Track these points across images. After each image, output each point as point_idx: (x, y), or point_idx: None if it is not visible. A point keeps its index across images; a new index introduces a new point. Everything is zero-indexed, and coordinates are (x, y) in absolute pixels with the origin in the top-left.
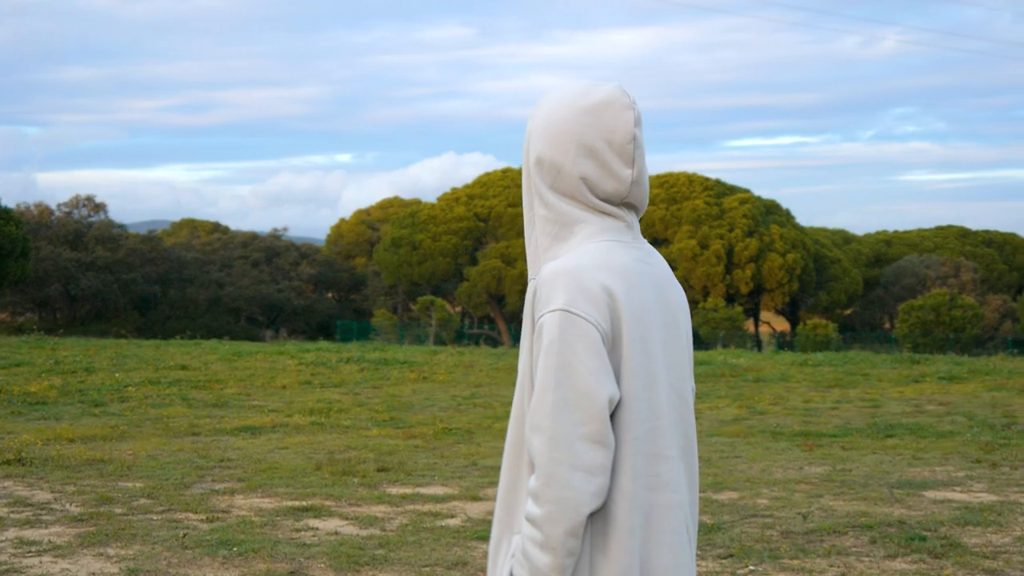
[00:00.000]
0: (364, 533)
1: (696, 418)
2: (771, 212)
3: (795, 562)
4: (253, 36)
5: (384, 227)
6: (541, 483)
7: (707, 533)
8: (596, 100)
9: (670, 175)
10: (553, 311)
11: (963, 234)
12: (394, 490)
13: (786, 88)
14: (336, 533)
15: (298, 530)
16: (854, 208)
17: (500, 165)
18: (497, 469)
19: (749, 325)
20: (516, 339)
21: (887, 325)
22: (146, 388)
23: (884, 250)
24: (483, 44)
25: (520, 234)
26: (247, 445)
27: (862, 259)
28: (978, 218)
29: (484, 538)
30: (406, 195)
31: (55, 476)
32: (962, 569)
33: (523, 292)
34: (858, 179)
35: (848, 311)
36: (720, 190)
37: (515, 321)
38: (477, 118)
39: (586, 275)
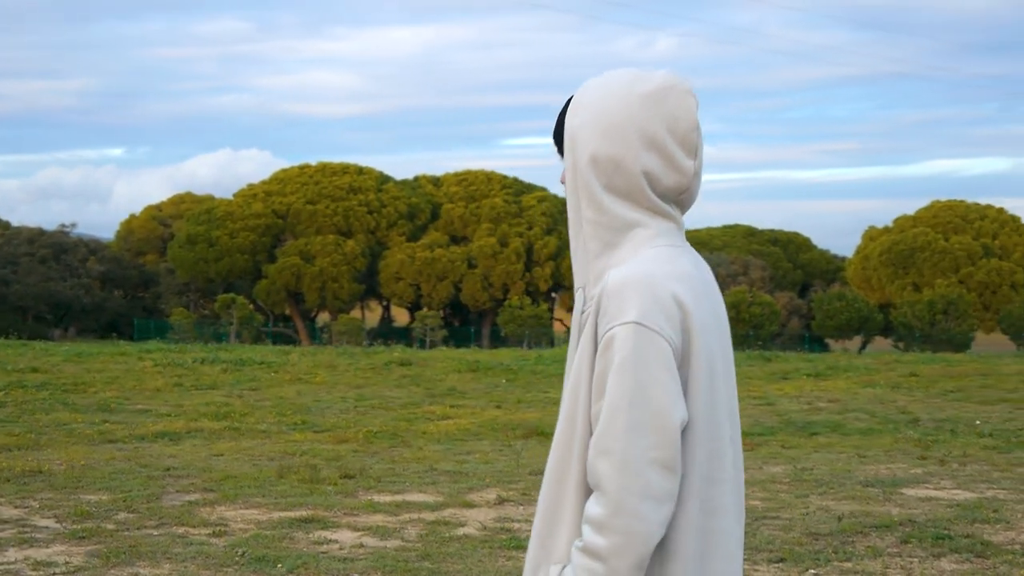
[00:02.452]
0: (391, 544)
1: None
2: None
3: (848, 564)
4: (20, 26)
5: (178, 223)
6: (608, 512)
7: None
8: (656, 85)
9: (468, 173)
10: (625, 324)
11: (750, 233)
12: (378, 498)
13: (564, 88)
14: (362, 546)
15: (319, 543)
16: None
17: (278, 161)
18: (456, 474)
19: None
20: (315, 337)
21: None
22: (15, 392)
23: None
24: (260, 39)
25: (320, 231)
26: (178, 452)
27: None
28: (750, 216)
29: (519, 547)
30: (179, 190)
31: (4, 489)
32: (1017, 568)
33: (322, 290)
34: None
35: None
36: (519, 188)
37: (311, 319)
38: (254, 113)
39: (658, 284)
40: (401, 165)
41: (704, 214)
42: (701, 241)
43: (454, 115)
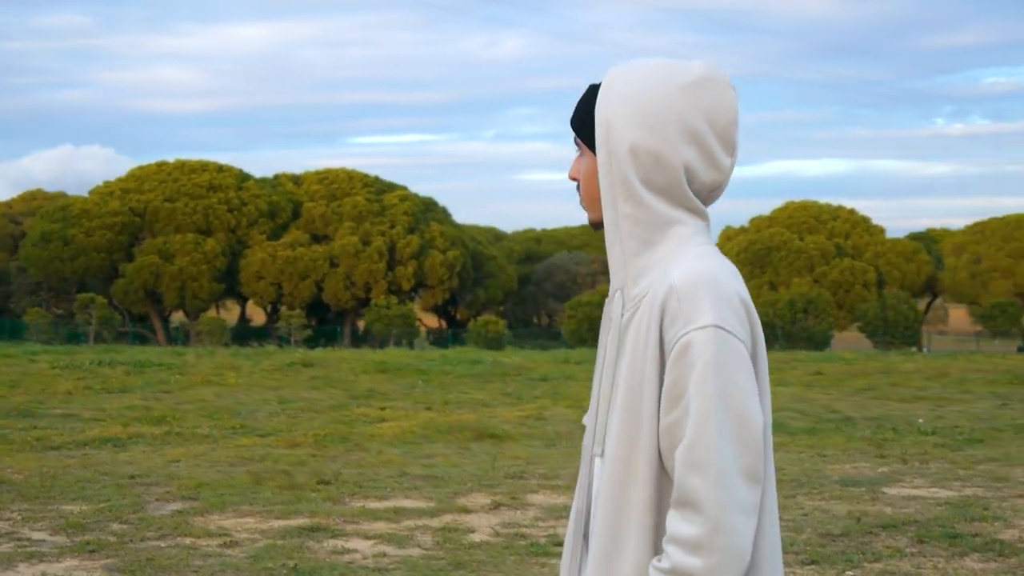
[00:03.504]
0: (413, 553)
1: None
2: (430, 209)
3: (878, 564)
4: None
5: (30, 221)
6: (706, 530)
7: None
8: (696, 76)
9: (329, 171)
10: (703, 328)
11: None
12: (369, 505)
13: (411, 86)
14: (384, 555)
15: (338, 552)
16: (477, 206)
17: (121, 158)
18: (431, 478)
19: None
20: (173, 339)
21: (539, 321)
22: None
23: (535, 247)
24: (104, 33)
25: (179, 229)
26: (131, 458)
27: (515, 256)
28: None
29: (545, 553)
30: (16, 186)
31: None
32: None
33: (182, 289)
34: (481, 177)
35: (502, 307)
36: (380, 187)
37: (165, 319)
38: (97, 109)
39: (725, 284)
40: (251, 163)
41: (552, 214)
42: (560, 240)
43: (303, 113)
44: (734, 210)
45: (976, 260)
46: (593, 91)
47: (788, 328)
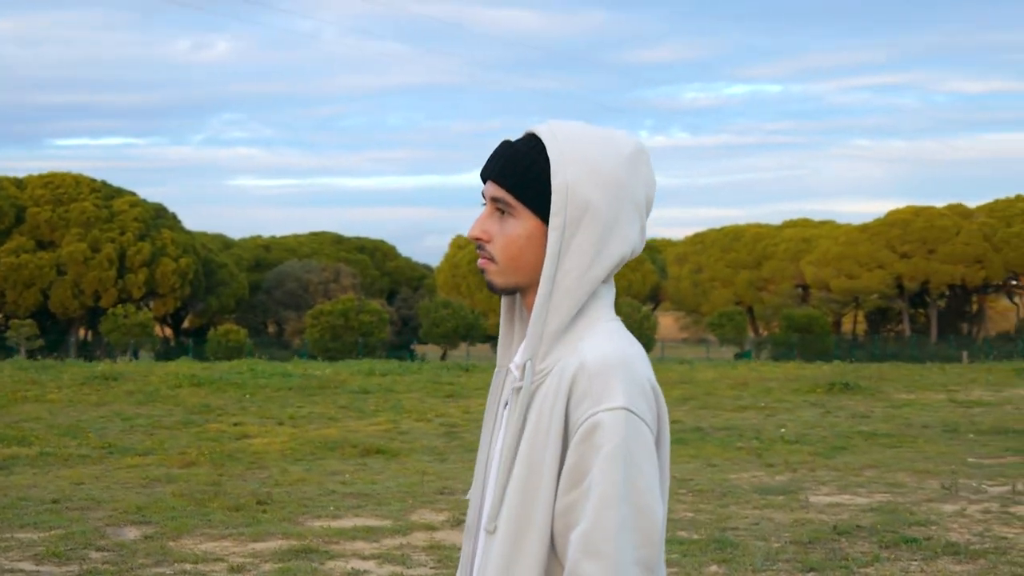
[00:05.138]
0: (424, 572)
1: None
2: (160, 216)
3: (869, 570)
4: None
5: None
6: None
7: (728, 548)
8: (632, 148)
9: (55, 175)
10: (613, 410)
11: (338, 240)
12: (331, 524)
13: (115, 88)
14: (403, 574)
15: (354, 574)
16: (188, 210)
17: None
18: (362, 496)
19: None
20: None
21: (272, 330)
22: None
23: (264, 255)
24: None
25: None
26: (30, 481)
27: (244, 263)
28: (299, 223)
29: None
30: None
31: None
32: (1009, 565)
33: None
34: (189, 182)
35: (234, 315)
36: (108, 192)
37: None
38: None
39: (636, 369)
40: None
41: (268, 219)
42: (290, 248)
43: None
44: (441, 218)
45: (698, 270)
46: (521, 150)
47: None
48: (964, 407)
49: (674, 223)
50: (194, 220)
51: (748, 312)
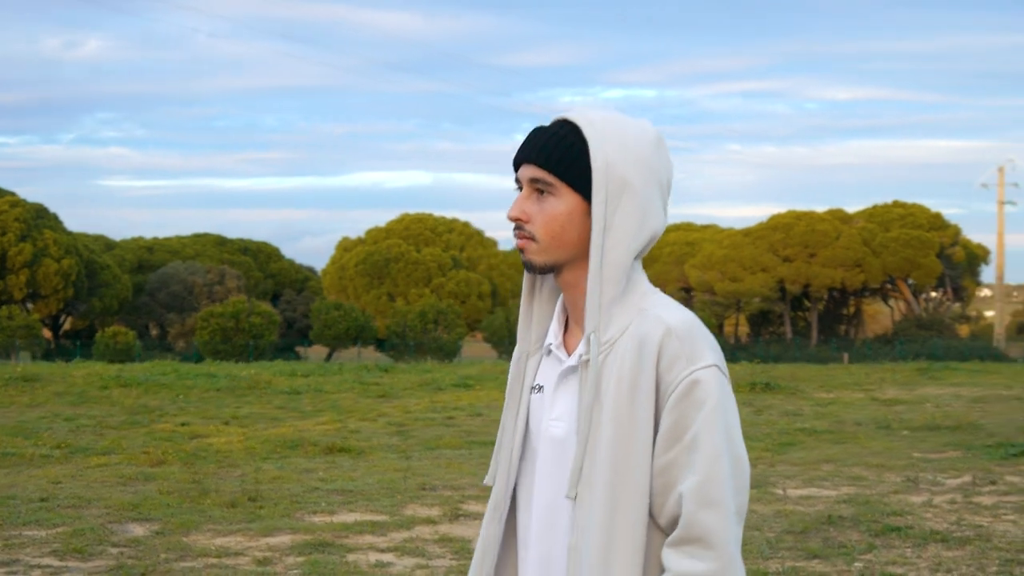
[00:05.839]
0: (449, 563)
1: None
2: (41, 216)
3: (868, 556)
4: None
5: None
6: (720, 566)
7: None
8: (656, 133)
9: None
10: (708, 367)
11: (221, 242)
12: (333, 519)
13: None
14: (427, 566)
15: (379, 566)
16: (69, 211)
17: None
18: (348, 492)
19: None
20: None
21: (155, 332)
22: None
23: (147, 256)
24: None
25: None
26: (14, 481)
27: (127, 265)
28: (177, 224)
29: None
30: None
31: None
32: (996, 551)
33: None
34: (65, 182)
35: (116, 317)
36: None
37: None
38: None
39: (707, 330)
40: None
41: (147, 220)
42: (173, 250)
43: None
44: (314, 219)
45: None
46: (558, 132)
47: (420, 338)
48: (887, 405)
49: None
50: (74, 221)
51: None
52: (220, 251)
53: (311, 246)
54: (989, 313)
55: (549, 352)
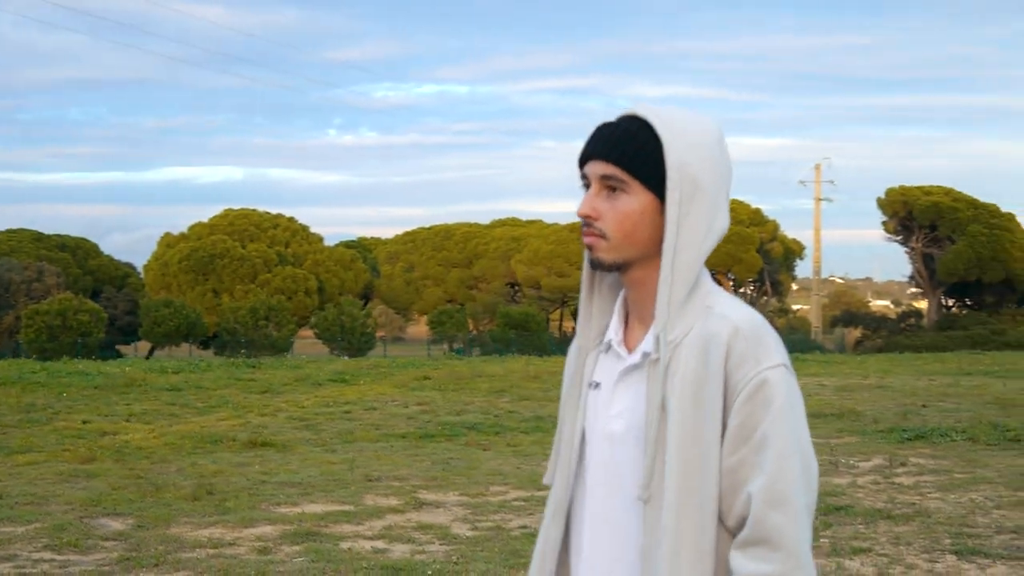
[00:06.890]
0: (449, 547)
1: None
2: None
3: (827, 533)
4: None
5: None
6: (789, 567)
7: None
8: (718, 131)
9: None
10: (776, 367)
11: (37, 238)
12: (304, 510)
13: None
14: (423, 551)
15: (379, 552)
16: None
17: None
18: (299, 484)
19: None
20: None
21: None
22: None
23: None
24: None
25: None
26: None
27: None
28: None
29: None
30: None
31: None
32: (941, 525)
33: None
34: None
35: None
36: None
37: None
38: None
39: (772, 329)
40: None
41: None
42: None
43: None
44: (121, 215)
45: (409, 268)
46: (630, 129)
47: (251, 335)
48: None
49: (371, 222)
50: None
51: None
52: (37, 247)
53: (122, 242)
54: (796, 307)
55: (608, 348)
